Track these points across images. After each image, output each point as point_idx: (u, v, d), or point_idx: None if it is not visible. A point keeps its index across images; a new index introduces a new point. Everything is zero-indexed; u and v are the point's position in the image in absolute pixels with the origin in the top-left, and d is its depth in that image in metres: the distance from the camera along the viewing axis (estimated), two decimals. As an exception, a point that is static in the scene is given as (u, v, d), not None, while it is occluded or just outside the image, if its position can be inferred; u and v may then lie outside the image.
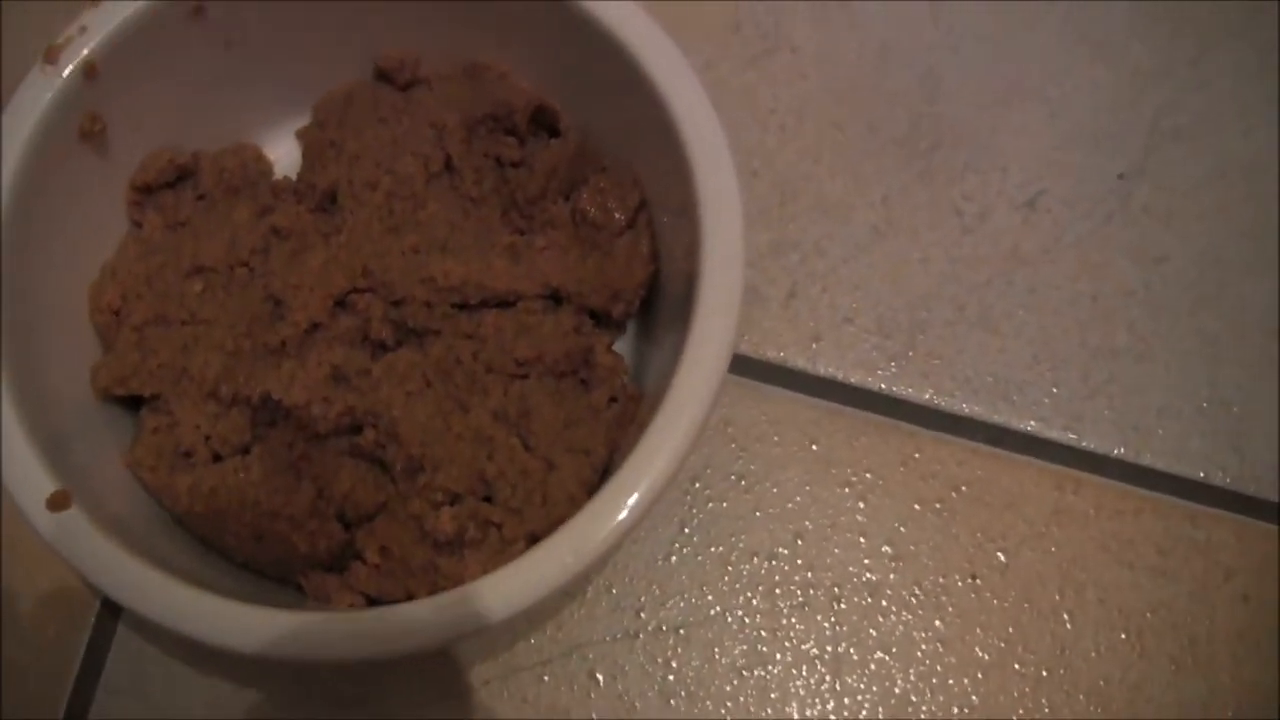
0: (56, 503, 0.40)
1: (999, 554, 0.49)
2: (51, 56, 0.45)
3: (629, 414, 0.44)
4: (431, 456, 0.43)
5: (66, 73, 0.45)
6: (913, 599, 0.49)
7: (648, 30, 0.45)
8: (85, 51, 0.45)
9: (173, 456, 0.45)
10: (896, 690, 0.48)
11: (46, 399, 0.43)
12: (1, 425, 0.41)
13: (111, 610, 0.49)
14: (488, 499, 0.43)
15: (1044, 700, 0.48)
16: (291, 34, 0.50)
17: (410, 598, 0.41)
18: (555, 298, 0.47)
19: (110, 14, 0.45)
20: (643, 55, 0.44)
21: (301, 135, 0.52)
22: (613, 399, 0.45)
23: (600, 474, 0.43)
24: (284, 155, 0.53)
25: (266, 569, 0.44)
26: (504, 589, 0.38)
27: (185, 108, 0.50)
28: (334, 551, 0.43)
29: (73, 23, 0.45)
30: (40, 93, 0.44)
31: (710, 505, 0.50)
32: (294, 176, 0.51)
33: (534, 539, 0.41)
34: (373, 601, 0.42)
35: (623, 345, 0.49)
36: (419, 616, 0.38)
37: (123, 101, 0.47)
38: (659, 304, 0.48)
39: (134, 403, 0.47)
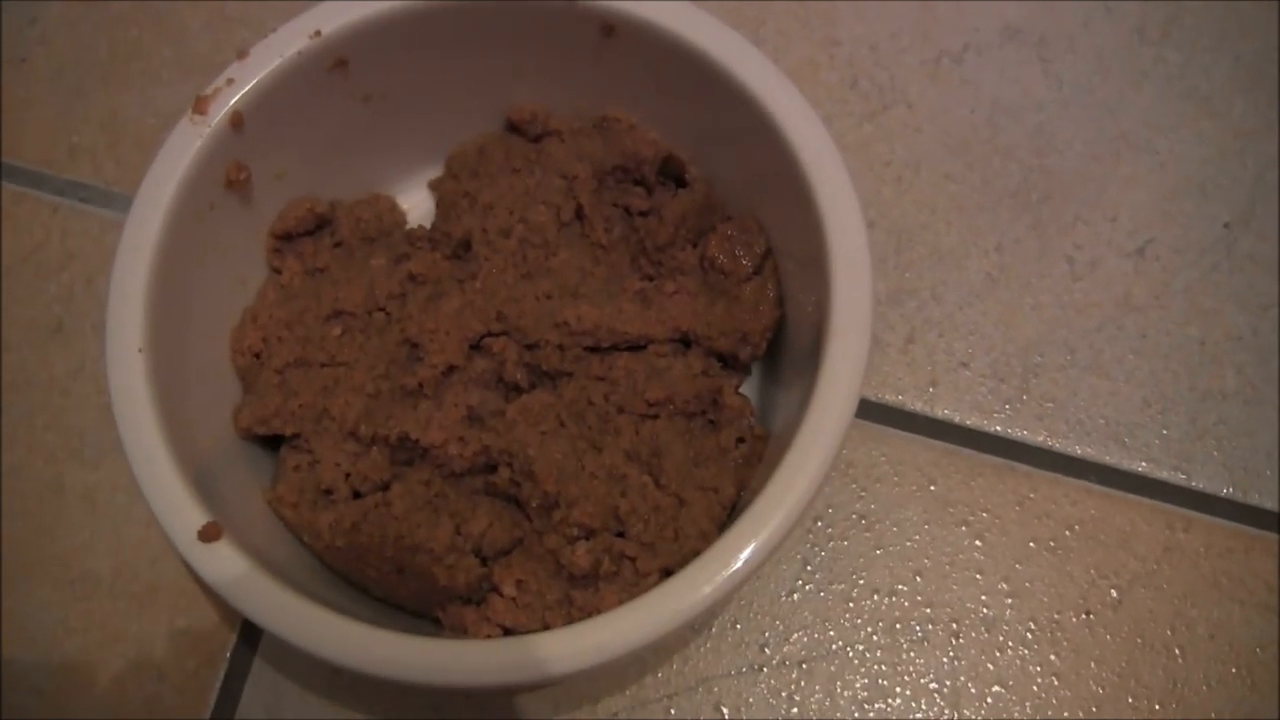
0: (208, 535, 0.40)
1: (1112, 591, 0.50)
2: (201, 107, 0.46)
3: (756, 454, 0.45)
4: (566, 493, 0.43)
5: (215, 123, 0.46)
6: (1028, 634, 0.49)
7: (779, 84, 0.45)
8: (232, 102, 0.46)
9: (314, 494, 0.46)
10: None
11: (191, 438, 0.43)
12: (150, 461, 0.41)
13: (249, 644, 0.50)
14: (621, 534, 0.43)
15: (1157, 735, 0.48)
16: (427, 88, 0.51)
17: (546, 629, 0.41)
18: (684, 341, 0.48)
19: (256, 67, 0.46)
20: (774, 109, 0.45)
21: (434, 186, 0.53)
22: (740, 439, 0.46)
23: (729, 511, 0.44)
24: (416, 205, 0.54)
25: (405, 603, 0.45)
26: (639, 619, 0.38)
27: (323, 158, 0.51)
28: (472, 585, 0.44)
29: (220, 74, 0.46)
30: (190, 141, 0.45)
31: (832, 544, 0.51)
32: (427, 225, 0.52)
33: (667, 573, 0.41)
34: (509, 633, 0.43)
35: (748, 388, 0.50)
36: (557, 644, 0.38)
37: (266, 151, 0.48)
38: (784, 348, 0.49)
39: (273, 442, 0.48)
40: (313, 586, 0.42)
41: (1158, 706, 0.48)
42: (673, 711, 0.48)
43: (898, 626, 0.50)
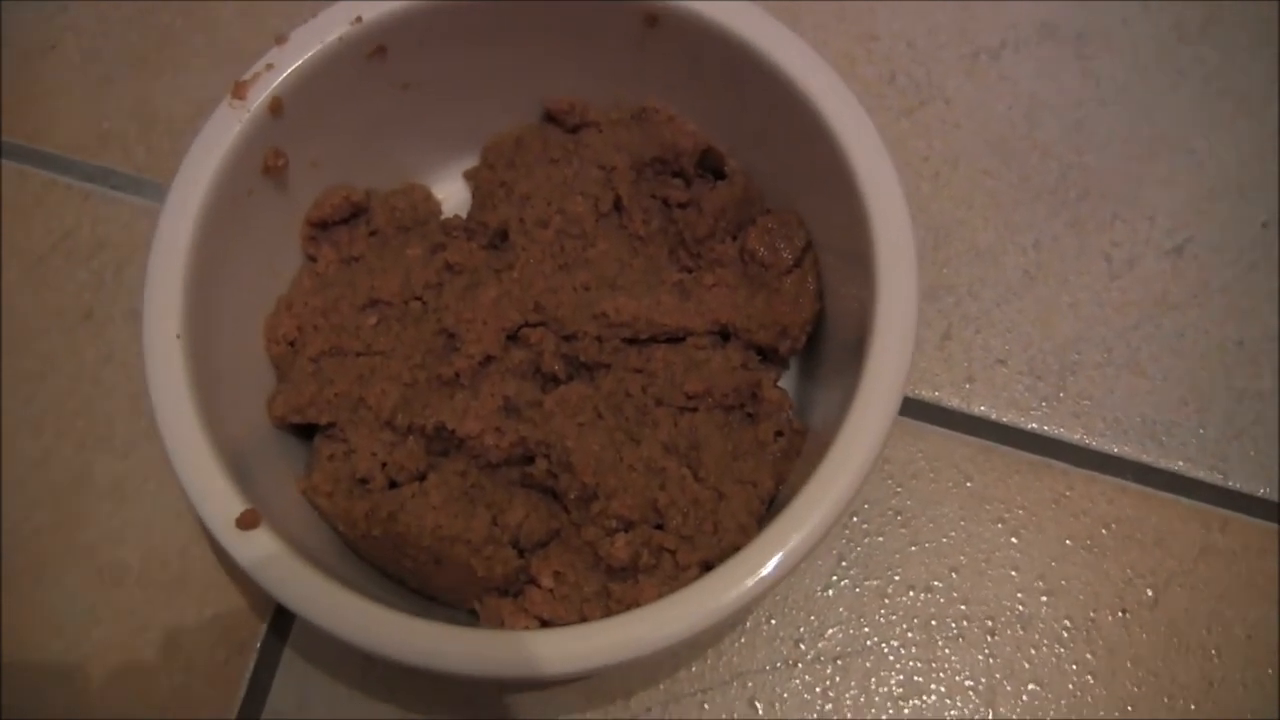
0: (246, 522, 0.40)
1: (1148, 590, 0.50)
2: (240, 92, 0.46)
3: (794, 448, 0.45)
4: (605, 486, 0.43)
5: (254, 108, 0.46)
6: (1064, 632, 0.49)
7: (826, 78, 0.45)
8: (272, 88, 0.46)
9: (349, 483, 0.45)
10: None
11: (226, 426, 0.43)
12: (187, 449, 0.41)
13: (279, 635, 0.50)
14: (659, 527, 0.43)
15: (1193, 734, 0.48)
16: (465, 78, 0.51)
17: (584, 621, 0.41)
18: (723, 334, 0.48)
19: (296, 52, 0.46)
20: (821, 103, 0.45)
21: (470, 176, 0.54)
22: (779, 433, 0.46)
23: (767, 505, 0.44)
24: (451, 195, 0.54)
25: (441, 594, 0.45)
26: (678, 613, 0.38)
27: (360, 147, 0.51)
28: (509, 576, 0.44)
29: (259, 60, 0.46)
30: (229, 126, 0.45)
31: (868, 539, 0.51)
32: (462, 215, 0.52)
33: (707, 566, 0.41)
34: (546, 625, 0.43)
35: (786, 382, 0.50)
36: (595, 637, 0.38)
37: (303, 138, 0.48)
38: (823, 343, 0.49)
39: (307, 431, 0.48)
40: (348, 576, 0.41)
41: (1193, 707, 0.48)
42: (706, 707, 0.48)
43: (933, 623, 0.49)
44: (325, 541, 0.45)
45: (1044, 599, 0.50)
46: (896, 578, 0.50)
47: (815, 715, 0.48)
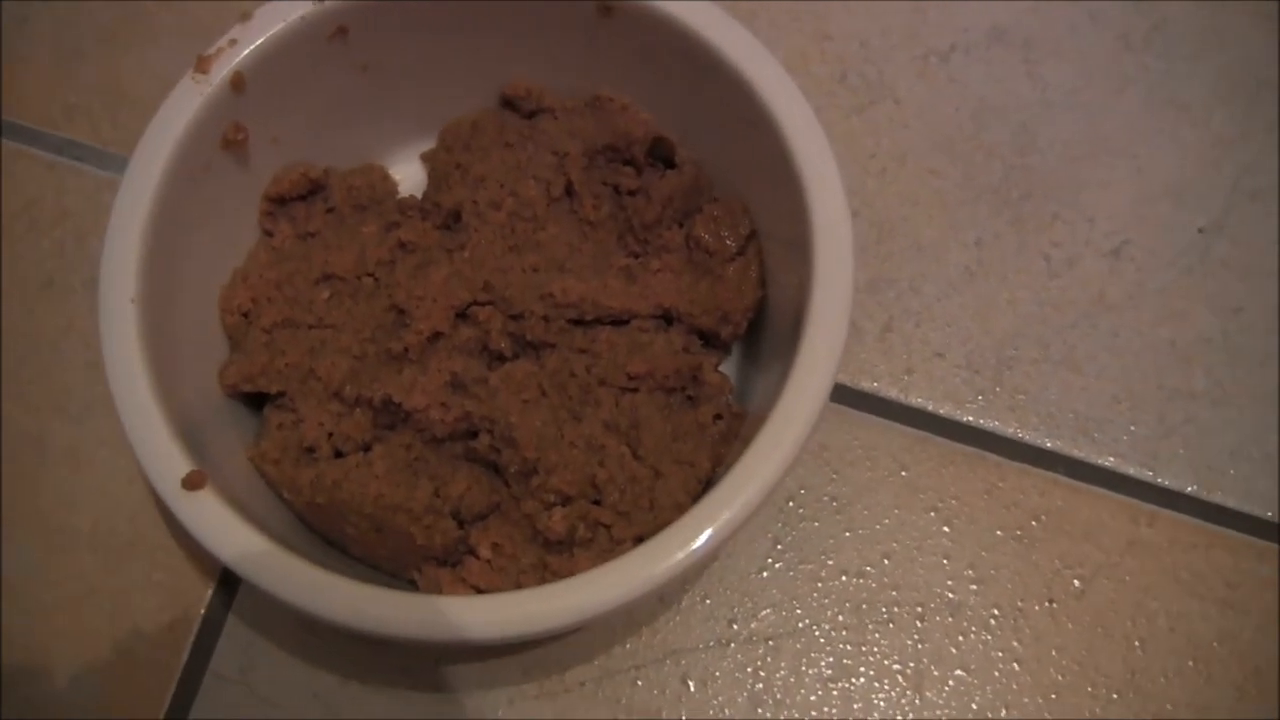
0: (193, 483, 0.41)
1: (1075, 581, 0.51)
2: (203, 66, 0.47)
3: (733, 430, 0.46)
4: (545, 460, 0.44)
5: (216, 82, 0.47)
6: (992, 620, 0.50)
7: (773, 72, 0.46)
8: (234, 63, 0.47)
9: (297, 451, 0.47)
10: (974, 706, 0.49)
11: (178, 392, 0.44)
12: (137, 408, 0.42)
13: (223, 602, 0.51)
14: (597, 502, 0.44)
15: (1114, 721, 0.49)
16: (424, 61, 0.52)
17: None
18: (666, 318, 0.49)
19: (259, 29, 0.47)
20: (768, 96, 0.46)
21: (427, 158, 0.54)
22: (718, 416, 0.47)
23: (704, 485, 0.45)
24: (408, 177, 0.55)
25: (382, 563, 0.46)
26: (611, 581, 0.39)
27: (319, 125, 0.52)
28: (448, 547, 0.45)
29: (223, 35, 0.47)
30: (190, 99, 0.46)
31: (803, 524, 0.52)
32: (418, 196, 0.53)
33: (640, 541, 0.42)
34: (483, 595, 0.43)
35: (727, 367, 0.51)
36: (530, 603, 0.39)
37: (264, 114, 0.49)
38: (764, 329, 0.50)
39: (257, 402, 0.49)
40: (292, 543, 0.42)
41: (1115, 696, 0.49)
42: (639, 683, 0.49)
43: (864, 608, 0.51)
44: (271, 509, 0.46)
45: (973, 587, 0.51)
46: (830, 562, 0.51)
47: (746, 694, 0.49)
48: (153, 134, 0.46)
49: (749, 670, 0.49)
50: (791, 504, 0.52)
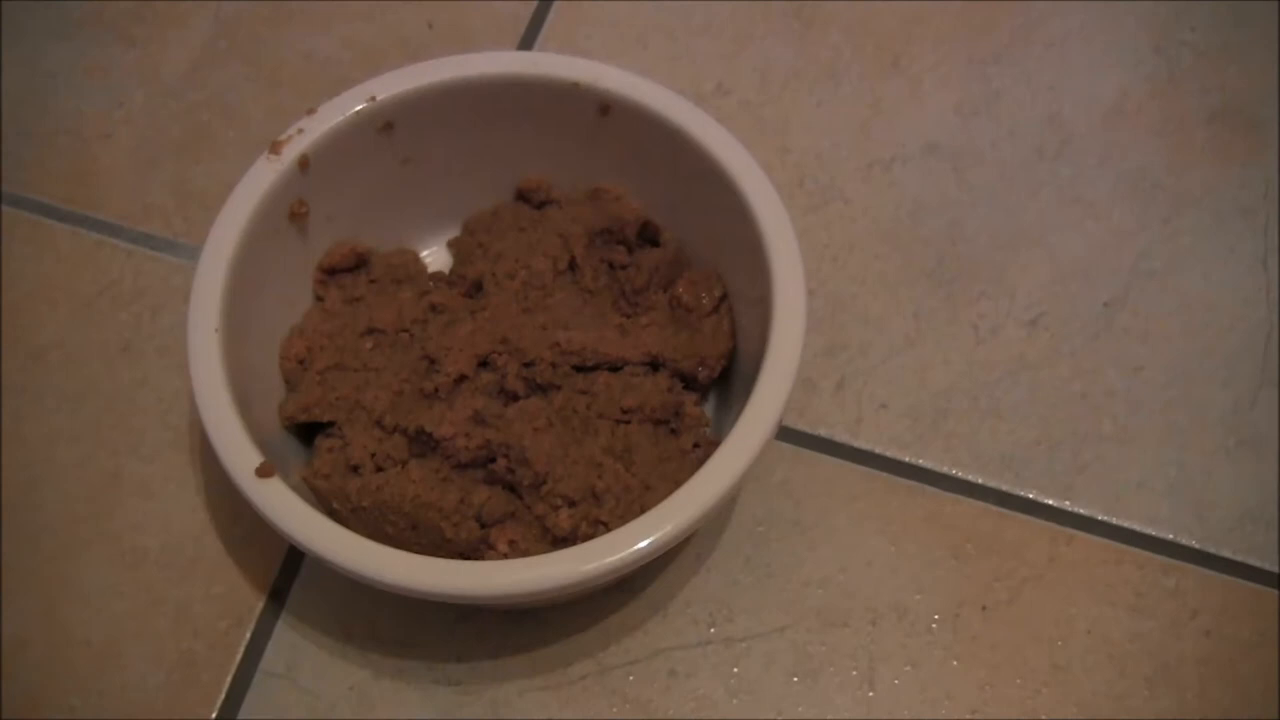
0: (264, 471, 0.46)
1: (1004, 592, 0.55)
2: (276, 149, 0.53)
3: (708, 455, 0.49)
4: (553, 473, 0.49)
5: (286, 162, 0.53)
6: (934, 624, 0.55)
7: (749, 167, 0.53)
8: (301, 147, 0.53)
9: (344, 469, 0.51)
10: (920, 698, 0.53)
11: (246, 415, 0.49)
12: (217, 407, 0.47)
13: (272, 611, 0.55)
14: (597, 506, 0.49)
15: (1040, 710, 0.53)
16: (454, 157, 0.58)
17: None
18: (654, 364, 0.54)
19: (322, 121, 0.54)
20: (745, 187, 0.52)
21: (453, 244, 0.60)
22: (696, 444, 0.52)
23: None
24: (435, 261, 0.61)
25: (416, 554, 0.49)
26: (599, 550, 0.45)
27: (365, 208, 0.57)
28: (472, 543, 0.49)
29: (292, 125, 0.53)
30: (265, 175, 0.52)
31: (772, 544, 0.57)
32: (446, 272, 0.59)
33: None
34: None
35: (706, 405, 0.57)
36: (552, 562, 0.45)
37: (323, 194, 0.55)
38: (734, 374, 0.55)
39: (308, 436, 0.54)
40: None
41: (1042, 688, 0.53)
42: (632, 677, 0.54)
43: (824, 613, 0.55)
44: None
45: (918, 596, 0.55)
46: (794, 576, 0.56)
47: (724, 686, 0.53)
48: (235, 199, 0.52)
49: (726, 667, 0.54)
50: (761, 528, 0.57)
